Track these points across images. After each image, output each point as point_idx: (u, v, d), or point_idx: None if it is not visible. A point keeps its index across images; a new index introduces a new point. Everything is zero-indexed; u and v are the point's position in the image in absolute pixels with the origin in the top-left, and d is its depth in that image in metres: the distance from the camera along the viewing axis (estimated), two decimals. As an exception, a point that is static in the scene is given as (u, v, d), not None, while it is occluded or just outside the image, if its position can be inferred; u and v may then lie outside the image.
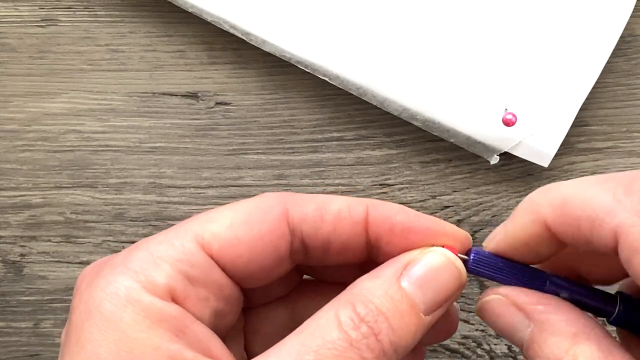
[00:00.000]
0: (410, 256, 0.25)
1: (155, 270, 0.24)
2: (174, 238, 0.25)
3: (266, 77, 0.38)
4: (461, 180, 0.38)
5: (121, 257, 0.25)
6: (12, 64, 0.38)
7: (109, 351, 0.22)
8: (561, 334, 0.23)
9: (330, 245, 0.26)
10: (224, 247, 0.25)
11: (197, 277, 0.24)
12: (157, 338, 0.22)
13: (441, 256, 0.25)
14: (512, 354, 0.38)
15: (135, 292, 0.23)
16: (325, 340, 0.22)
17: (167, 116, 0.38)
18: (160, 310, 0.23)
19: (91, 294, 0.23)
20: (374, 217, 0.26)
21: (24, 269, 0.38)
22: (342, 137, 0.38)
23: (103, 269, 0.24)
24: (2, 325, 0.38)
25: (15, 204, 0.38)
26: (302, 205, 0.26)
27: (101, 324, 0.23)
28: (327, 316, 0.23)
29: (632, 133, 0.37)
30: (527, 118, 0.35)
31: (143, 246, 0.25)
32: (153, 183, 0.38)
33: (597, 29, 0.35)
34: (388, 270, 0.24)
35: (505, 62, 0.35)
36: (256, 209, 0.26)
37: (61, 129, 0.38)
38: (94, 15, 0.37)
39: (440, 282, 0.25)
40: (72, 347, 0.23)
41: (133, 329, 0.22)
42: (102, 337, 0.22)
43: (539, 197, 0.24)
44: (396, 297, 0.24)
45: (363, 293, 0.24)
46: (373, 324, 0.23)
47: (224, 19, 0.35)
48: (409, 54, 0.35)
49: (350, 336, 0.22)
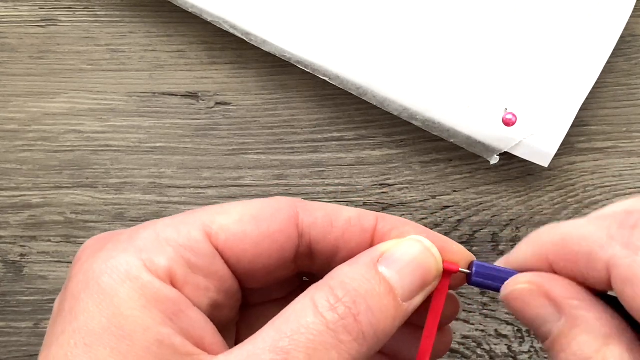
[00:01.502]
0: (387, 245, 0.25)
1: (158, 251, 0.24)
2: (181, 224, 0.25)
3: (266, 77, 0.38)
4: (461, 180, 0.38)
5: (127, 234, 0.25)
6: (12, 64, 0.38)
7: (100, 324, 0.22)
8: (593, 333, 0.22)
9: (337, 251, 0.26)
10: (230, 240, 0.25)
11: (199, 265, 0.24)
12: (150, 319, 0.22)
13: (417, 243, 0.25)
14: (512, 354, 0.38)
15: (136, 269, 0.23)
16: (300, 325, 0.22)
17: (167, 116, 0.38)
18: (158, 291, 0.23)
19: (92, 266, 0.23)
20: (382, 226, 0.26)
21: (24, 269, 0.38)
22: (342, 137, 0.38)
23: (107, 242, 0.24)
24: (2, 325, 0.38)
25: (15, 204, 0.38)
26: (312, 211, 0.26)
27: (97, 296, 0.23)
28: (303, 301, 0.23)
29: (632, 133, 0.37)
30: (527, 118, 0.35)
31: (150, 226, 0.25)
32: (153, 183, 0.38)
33: (597, 29, 0.35)
34: (365, 257, 0.24)
35: (505, 62, 0.35)
36: (267, 207, 0.26)
37: (61, 129, 0.38)
38: (94, 15, 0.37)
39: (417, 268, 0.24)
40: (66, 315, 0.23)
41: (127, 305, 0.22)
42: (96, 310, 0.22)
43: (542, 233, 0.24)
44: (374, 280, 0.23)
45: (340, 277, 0.23)
46: (351, 304, 0.22)
47: (224, 19, 0.35)
48: (409, 54, 0.35)
49: (326, 318, 0.22)
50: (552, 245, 0.24)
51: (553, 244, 0.24)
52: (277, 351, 0.21)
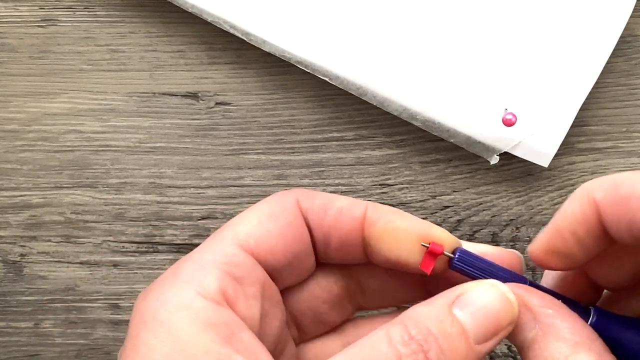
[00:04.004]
0: (464, 287, 0.26)
1: (204, 276, 0.25)
2: (213, 246, 0.26)
3: (266, 77, 0.38)
4: (461, 180, 0.38)
5: (169, 272, 0.26)
6: (12, 64, 0.38)
7: (162, 353, 0.23)
8: (564, 341, 0.24)
9: (330, 238, 0.28)
10: (259, 242, 0.26)
11: (243, 276, 0.26)
12: (209, 341, 0.23)
13: (494, 288, 0.25)
14: (512, 354, 0.38)
15: (188, 298, 0.24)
16: (375, 353, 0.23)
17: (167, 116, 0.38)
18: (212, 316, 0.24)
19: (145, 306, 0.25)
20: (370, 215, 0.28)
21: (24, 269, 0.38)
22: (342, 137, 0.38)
23: (153, 288, 0.26)
24: (2, 325, 0.38)
25: (15, 204, 0.38)
26: (310, 199, 0.28)
27: (155, 329, 0.24)
28: (378, 334, 0.24)
29: (632, 133, 0.37)
30: (527, 118, 0.35)
31: (187, 259, 0.26)
32: (153, 183, 0.38)
33: (597, 29, 0.35)
34: (441, 299, 0.25)
35: (505, 62, 0.35)
36: (275, 204, 0.27)
37: (61, 129, 0.38)
38: (94, 15, 0.37)
39: (492, 312, 0.25)
40: (128, 354, 0.24)
41: (185, 332, 0.23)
42: (156, 341, 0.23)
43: (592, 182, 0.25)
44: (447, 321, 0.24)
45: (415, 316, 0.24)
46: (423, 342, 0.23)
47: (224, 19, 0.35)
48: (409, 54, 0.35)
49: (399, 350, 0.23)
50: (603, 190, 0.24)
51: (604, 189, 0.24)
52: None
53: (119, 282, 0.38)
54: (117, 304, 0.38)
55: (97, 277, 0.38)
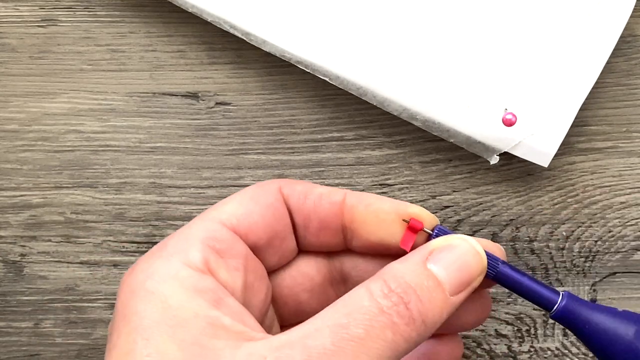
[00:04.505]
0: (435, 243, 0.27)
1: (188, 248, 0.26)
2: (196, 224, 0.28)
3: (266, 77, 0.38)
4: (461, 180, 0.38)
5: (155, 248, 0.27)
6: (12, 64, 0.38)
7: (153, 320, 0.24)
8: None
9: (310, 222, 0.30)
10: (241, 220, 0.28)
11: (225, 249, 0.27)
12: (197, 306, 0.24)
13: (464, 242, 0.27)
14: (512, 354, 0.38)
15: (174, 268, 0.25)
16: (357, 307, 0.24)
17: (167, 116, 0.38)
18: (198, 282, 0.25)
19: (134, 278, 0.26)
20: (349, 200, 0.29)
21: (24, 269, 0.38)
22: (342, 137, 0.38)
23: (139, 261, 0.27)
24: (2, 325, 0.38)
25: (15, 204, 0.38)
26: (291, 185, 0.30)
27: (145, 297, 0.25)
28: (359, 290, 0.25)
29: (632, 133, 0.37)
30: (527, 118, 0.35)
31: (173, 235, 0.27)
32: (153, 183, 0.38)
33: (597, 29, 0.35)
34: (416, 255, 0.27)
35: (505, 62, 0.35)
36: (258, 188, 0.29)
37: (61, 129, 0.38)
38: (94, 15, 0.37)
39: (463, 264, 0.27)
40: (118, 324, 0.25)
41: (174, 299, 0.24)
42: (147, 309, 0.24)
43: None
44: (423, 275, 0.26)
45: (393, 272, 0.26)
46: (402, 294, 0.25)
47: (224, 19, 0.35)
48: (409, 54, 0.35)
49: (381, 303, 0.24)
50: None
51: None
52: (337, 326, 0.24)
53: (119, 282, 0.38)
54: (117, 304, 0.38)
55: (97, 277, 0.38)
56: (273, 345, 0.23)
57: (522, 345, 0.38)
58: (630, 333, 0.28)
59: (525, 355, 0.38)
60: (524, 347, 0.38)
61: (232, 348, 0.24)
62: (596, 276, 0.38)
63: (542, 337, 0.38)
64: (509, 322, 0.38)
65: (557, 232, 0.37)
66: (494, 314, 0.38)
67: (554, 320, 0.30)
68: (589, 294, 0.38)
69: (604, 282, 0.38)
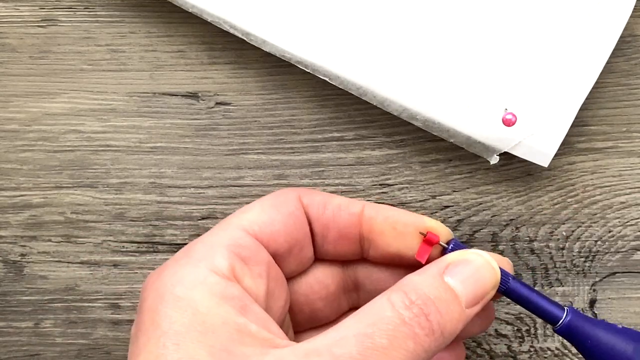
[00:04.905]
0: (451, 257, 0.28)
1: (214, 255, 0.27)
2: (220, 231, 0.28)
3: (266, 77, 0.38)
4: (461, 180, 0.38)
5: (181, 253, 0.28)
6: (13, 64, 0.38)
7: (183, 325, 0.24)
8: None
9: (328, 232, 0.30)
10: (263, 227, 0.29)
11: (249, 256, 0.28)
12: (225, 312, 0.25)
13: (479, 257, 0.28)
14: (511, 353, 0.38)
15: (202, 275, 0.26)
16: (381, 317, 0.25)
17: (168, 116, 0.38)
18: (225, 289, 0.26)
19: (162, 282, 0.26)
20: (368, 211, 0.30)
21: (24, 268, 0.38)
22: (342, 137, 0.38)
23: (166, 267, 0.27)
24: (3, 325, 0.38)
25: (15, 204, 0.38)
26: (310, 195, 0.31)
27: (174, 303, 0.25)
28: (380, 301, 0.26)
29: (632, 133, 0.37)
30: (527, 118, 0.35)
31: (197, 242, 0.28)
32: (153, 183, 0.38)
33: (597, 29, 0.35)
34: (432, 268, 0.27)
35: (505, 62, 0.35)
36: (278, 196, 0.30)
37: (61, 129, 0.38)
38: (95, 15, 0.37)
39: (479, 279, 0.28)
40: (147, 328, 0.25)
41: (203, 305, 0.25)
42: (177, 314, 0.25)
43: None
44: (441, 288, 0.27)
45: (412, 284, 0.27)
46: (423, 306, 0.26)
47: (224, 19, 0.35)
48: (409, 54, 0.35)
49: (403, 314, 0.25)
50: None
51: None
52: (362, 336, 0.24)
53: (119, 282, 0.38)
54: (117, 304, 0.38)
55: (97, 277, 0.38)
56: (300, 352, 0.24)
57: (522, 345, 0.38)
58: (630, 349, 0.29)
59: (525, 355, 0.38)
60: (524, 347, 0.38)
61: (259, 355, 0.24)
62: (596, 276, 0.38)
63: (542, 337, 0.38)
64: (509, 322, 0.38)
65: (557, 232, 0.37)
66: (494, 314, 0.38)
67: (558, 335, 0.31)
68: (589, 294, 0.38)
69: (604, 282, 0.38)
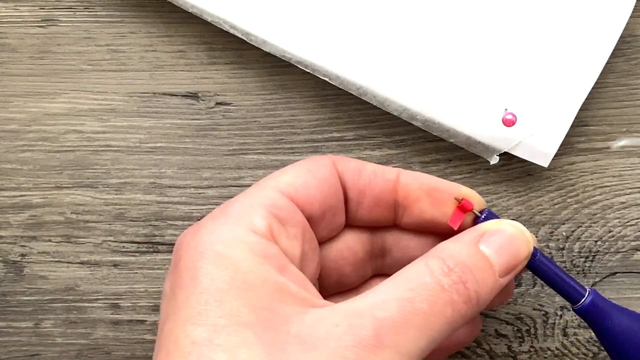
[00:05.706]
0: (486, 226, 0.28)
1: (253, 214, 0.27)
2: (257, 191, 0.28)
3: (266, 77, 0.38)
4: (461, 180, 0.38)
5: (218, 211, 0.28)
6: (13, 64, 0.38)
7: (225, 282, 0.25)
8: None
9: (364, 198, 0.30)
10: (299, 190, 0.29)
11: (286, 218, 0.28)
12: (265, 272, 0.25)
13: (514, 227, 0.29)
14: (511, 353, 0.38)
15: (242, 234, 0.26)
16: (421, 283, 0.25)
17: (168, 116, 0.38)
18: (265, 248, 0.26)
19: (200, 240, 0.26)
20: (403, 178, 0.30)
21: (24, 269, 0.38)
22: (342, 137, 0.38)
23: (202, 225, 0.27)
24: (3, 325, 0.38)
25: (15, 204, 0.38)
26: (345, 162, 0.31)
27: (215, 260, 0.25)
28: (418, 266, 0.26)
29: (632, 133, 0.37)
30: (527, 118, 0.35)
31: (234, 201, 0.28)
32: (153, 183, 0.38)
33: (597, 29, 0.35)
34: (467, 236, 0.28)
35: (505, 62, 0.35)
36: (313, 162, 0.30)
37: (61, 129, 0.38)
38: (95, 15, 0.37)
39: (513, 249, 0.28)
40: (186, 284, 0.25)
41: (244, 263, 0.25)
42: (218, 271, 0.25)
43: None
44: (477, 256, 0.27)
45: (448, 251, 0.27)
46: (461, 273, 0.26)
47: (224, 19, 0.35)
48: (409, 54, 0.35)
49: (442, 281, 0.25)
50: None
51: None
52: (403, 300, 0.25)
53: (119, 282, 0.38)
54: (117, 304, 0.38)
55: (97, 277, 0.38)
56: (341, 312, 0.24)
57: (522, 345, 0.38)
58: None
59: (525, 355, 0.38)
60: (524, 347, 0.38)
61: (299, 314, 0.24)
62: (596, 276, 0.38)
63: (542, 337, 0.38)
64: (509, 322, 0.38)
65: (557, 232, 0.37)
66: (494, 313, 0.38)
67: (577, 314, 0.30)
68: (589, 294, 0.38)
69: (604, 282, 0.38)
